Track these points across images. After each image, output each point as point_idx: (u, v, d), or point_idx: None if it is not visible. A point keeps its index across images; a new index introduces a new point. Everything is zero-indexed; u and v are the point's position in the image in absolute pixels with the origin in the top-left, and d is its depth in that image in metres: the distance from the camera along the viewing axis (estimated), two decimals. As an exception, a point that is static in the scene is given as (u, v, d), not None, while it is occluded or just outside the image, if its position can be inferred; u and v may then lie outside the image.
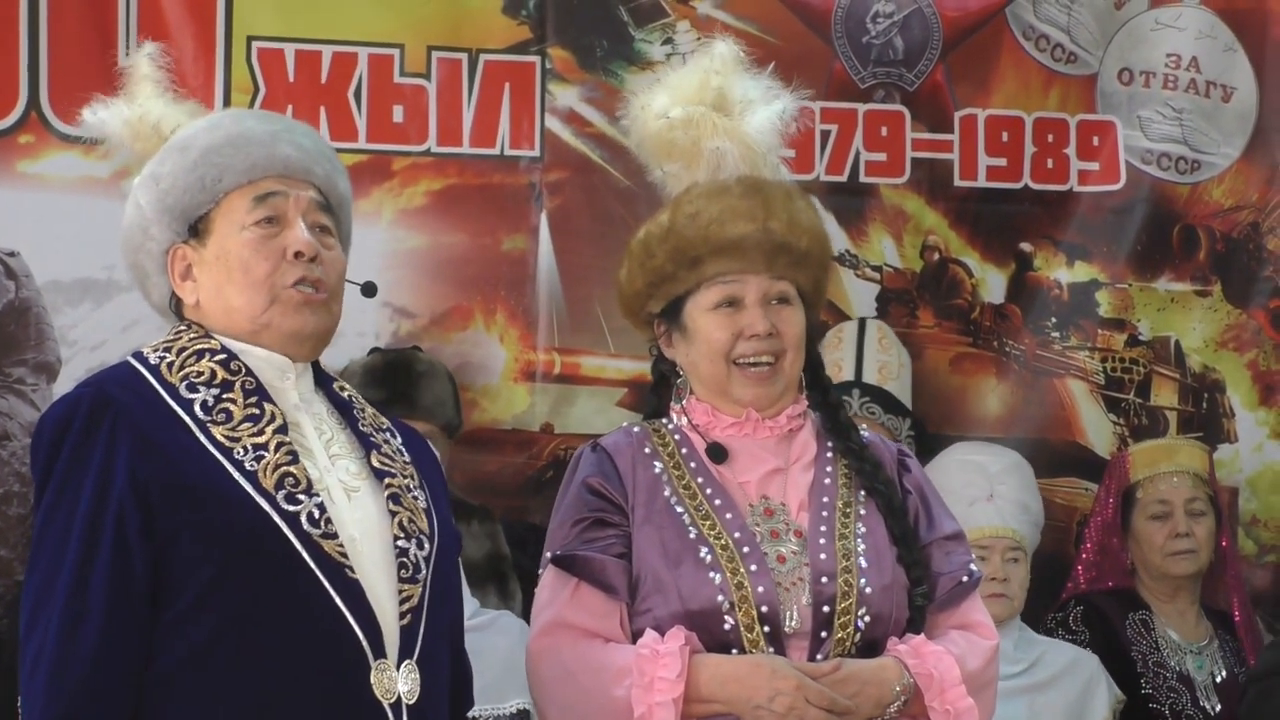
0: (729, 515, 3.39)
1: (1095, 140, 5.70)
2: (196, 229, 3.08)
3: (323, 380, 3.16)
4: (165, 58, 3.28)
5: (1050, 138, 5.68)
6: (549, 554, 3.42)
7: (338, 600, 2.89)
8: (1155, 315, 5.75)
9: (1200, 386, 5.76)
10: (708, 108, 3.52)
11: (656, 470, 3.46)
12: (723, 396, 3.48)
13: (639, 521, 3.41)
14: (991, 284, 5.65)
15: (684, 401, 3.52)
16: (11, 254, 5.01)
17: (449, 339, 5.23)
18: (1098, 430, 5.67)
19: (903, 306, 5.59)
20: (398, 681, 2.93)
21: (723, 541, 3.35)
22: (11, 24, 5.01)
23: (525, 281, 5.29)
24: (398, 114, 5.22)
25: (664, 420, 3.55)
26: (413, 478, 3.11)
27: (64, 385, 4.93)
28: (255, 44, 5.13)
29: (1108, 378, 5.71)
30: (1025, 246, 5.69)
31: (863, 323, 5.40)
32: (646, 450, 3.49)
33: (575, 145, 5.32)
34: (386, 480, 3.05)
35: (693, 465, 3.46)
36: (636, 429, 3.55)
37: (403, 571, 2.98)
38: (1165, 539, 5.04)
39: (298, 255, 3.04)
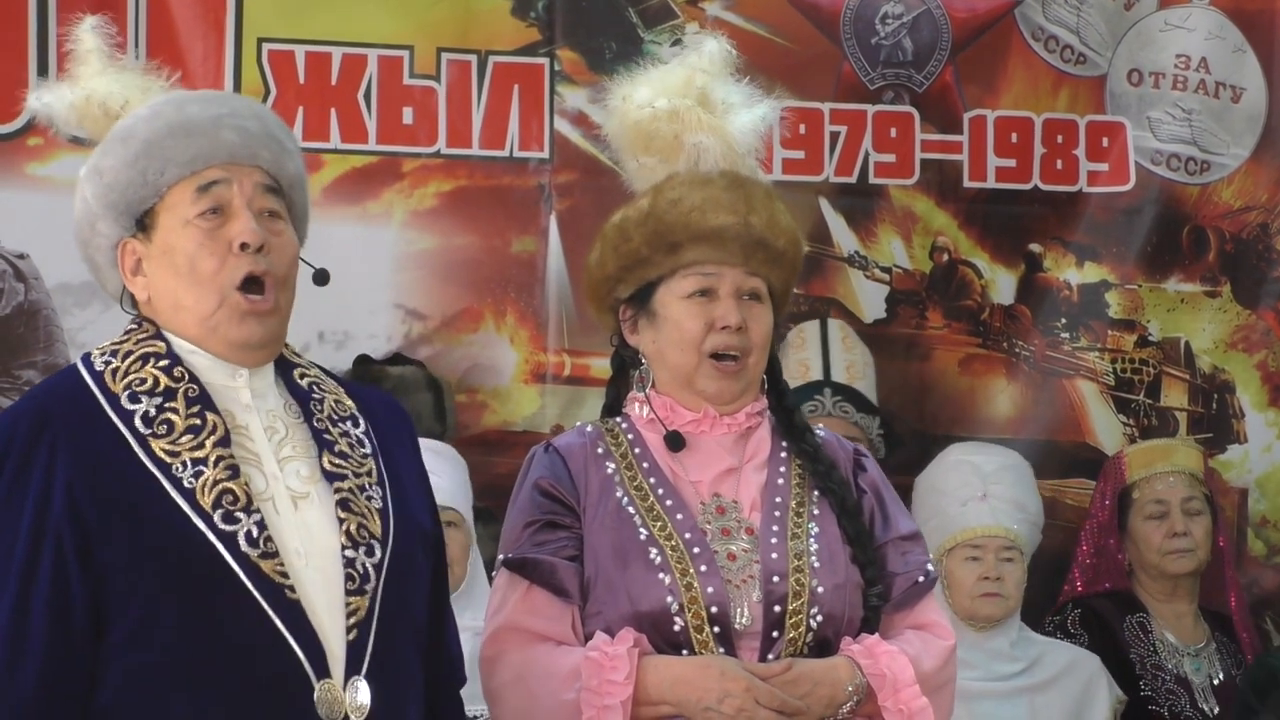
0: (679, 515, 3.38)
1: (1105, 141, 5.70)
2: (143, 223, 2.99)
3: (285, 368, 3.07)
4: (110, 28, 3.17)
5: (1060, 139, 5.67)
6: (501, 556, 3.41)
7: (277, 622, 2.83)
8: (1165, 316, 5.75)
9: (1210, 387, 5.76)
10: (692, 102, 3.51)
11: (609, 471, 3.44)
12: (686, 388, 3.47)
13: (590, 523, 3.39)
14: (1001, 285, 5.65)
15: (646, 390, 3.50)
16: (21, 256, 5.00)
17: (459, 341, 5.23)
18: (1107, 431, 5.67)
19: (912, 308, 5.58)
20: (345, 699, 2.87)
21: (673, 542, 3.34)
22: (20, 26, 5.01)
23: (535, 283, 5.29)
24: (407, 115, 5.22)
25: (618, 420, 3.54)
26: (370, 473, 3.02)
27: (73, 387, 4.93)
28: (266, 46, 5.13)
29: (1117, 378, 5.71)
30: (1035, 247, 5.69)
31: (825, 322, 5.38)
32: (599, 450, 3.47)
33: (584, 147, 5.32)
34: (336, 484, 2.96)
35: (645, 465, 3.44)
36: (590, 429, 3.54)
37: (350, 583, 2.90)
38: (1162, 538, 5.05)
39: (243, 247, 2.94)
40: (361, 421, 3.08)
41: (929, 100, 5.61)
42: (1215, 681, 4.94)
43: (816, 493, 3.46)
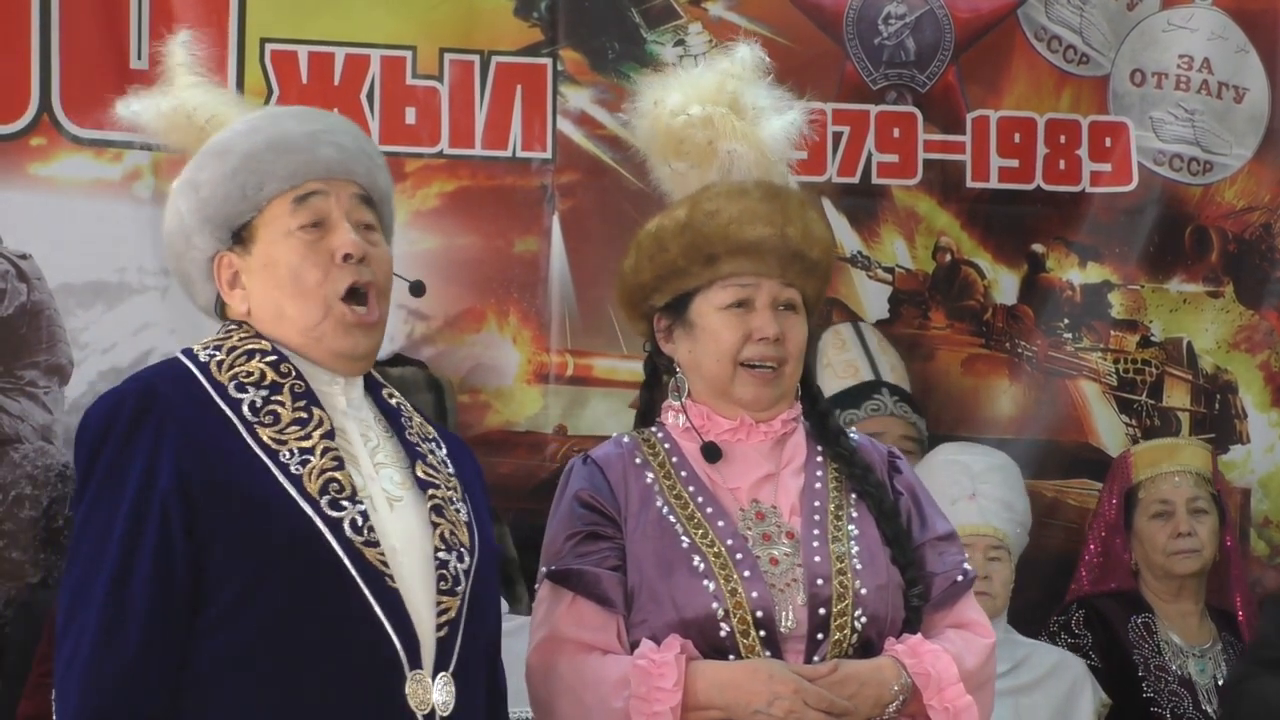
0: (720, 522, 3.39)
1: (1107, 141, 5.70)
2: (240, 236, 3.03)
3: (372, 387, 3.14)
4: (198, 45, 3.22)
5: (1062, 139, 5.67)
6: (544, 569, 3.42)
7: (376, 608, 2.87)
8: (1167, 316, 5.75)
9: (1212, 388, 5.76)
10: (725, 109, 3.51)
11: (648, 480, 3.45)
12: (722, 397, 3.48)
13: (632, 533, 3.40)
14: (1003, 285, 5.65)
15: (682, 399, 3.51)
16: (23, 257, 5.00)
17: (462, 341, 5.23)
18: (1110, 431, 5.67)
19: (915, 308, 5.58)
20: (432, 693, 2.91)
21: (715, 549, 3.35)
22: (23, 26, 5.01)
23: (538, 283, 5.29)
24: (410, 116, 5.22)
25: (653, 429, 3.55)
26: (456, 490, 3.08)
27: (76, 388, 4.94)
28: (268, 46, 5.13)
29: (1120, 379, 5.71)
30: (1037, 248, 5.69)
31: (858, 325, 5.39)
32: (637, 461, 3.48)
33: (587, 147, 5.32)
34: (430, 491, 3.02)
35: (683, 474, 3.45)
36: (626, 439, 3.54)
37: (442, 584, 2.95)
38: (1168, 538, 5.05)
39: (346, 258, 3.01)
40: (443, 446, 3.16)
41: (932, 100, 5.61)
42: (1220, 682, 4.94)
43: (854, 495, 3.47)
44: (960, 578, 3.47)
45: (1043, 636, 5.01)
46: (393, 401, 3.14)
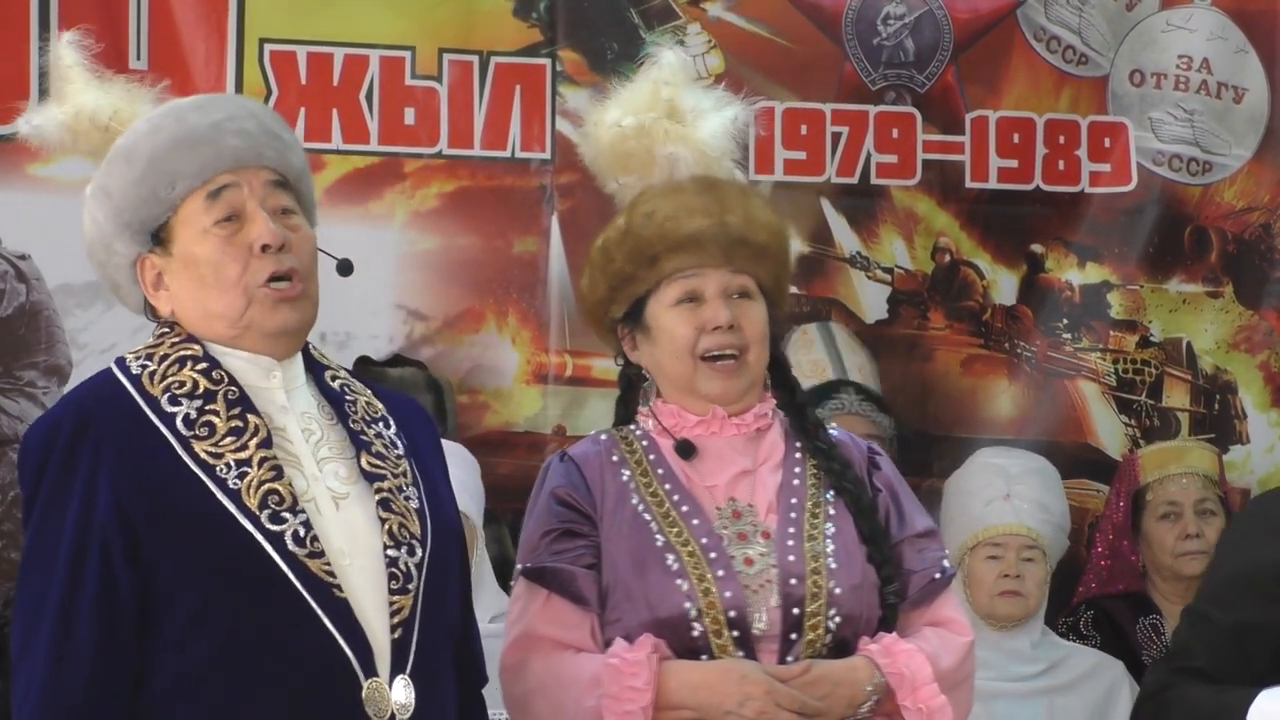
0: (696, 521, 3.38)
1: (1106, 142, 5.70)
2: (159, 237, 3.00)
3: (314, 370, 3.09)
4: (88, 40, 3.17)
5: (1061, 139, 5.67)
6: (519, 566, 3.42)
7: (325, 621, 2.85)
8: (1167, 317, 5.75)
9: (1212, 388, 5.76)
10: (660, 115, 3.51)
11: (624, 478, 3.45)
12: (689, 394, 3.47)
13: (607, 530, 3.40)
14: (1003, 285, 5.65)
15: (651, 404, 3.51)
16: (22, 257, 5.01)
17: (461, 341, 5.23)
18: (1109, 432, 5.67)
19: (914, 308, 5.58)
20: (390, 697, 2.89)
21: (690, 548, 3.35)
22: (23, 27, 5.01)
23: (537, 284, 5.29)
24: (409, 116, 5.22)
25: (631, 428, 3.54)
26: (405, 474, 3.04)
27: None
28: (267, 46, 5.13)
29: (1119, 379, 5.71)
30: (1036, 248, 5.68)
31: (828, 325, 5.39)
32: (614, 458, 3.48)
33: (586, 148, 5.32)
34: (376, 484, 2.98)
35: (660, 472, 3.45)
36: (604, 437, 3.54)
37: (393, 583, 2.92)
38: (1175, 540, 5.05)
39: (265, 249, 2.96)
40: (392, 423, 3.10)
41: (931, 101, 5.60)
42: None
43: (832, 492, 3.46)
44: (938, 575, 3.46)
45: (1049, 637, 5.02)
46: (336, 384, 3.08)
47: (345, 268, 3.13)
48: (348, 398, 3.07)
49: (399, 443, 3.08)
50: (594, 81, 5.33)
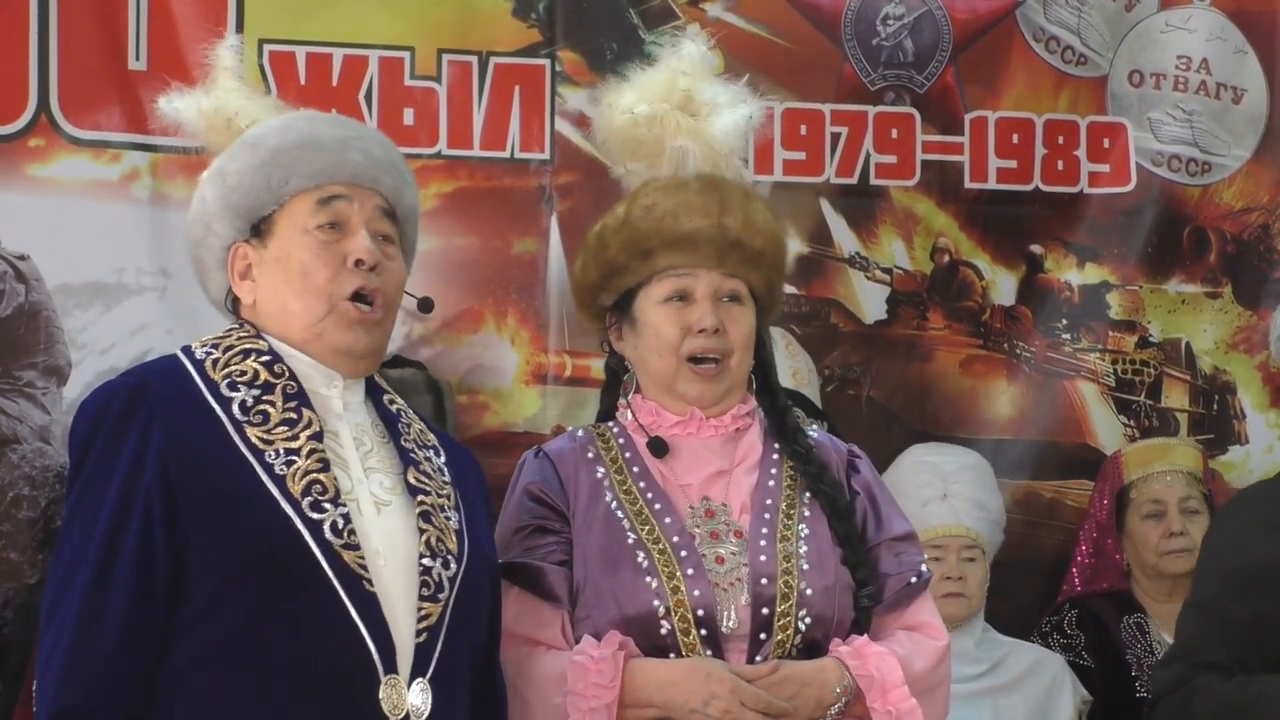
0: (668, 519, 3.39)
1: (1106, 142, 5.70)
2: (259, 229, 3.07)
3: (374, 392, 3.15)
4: (247, 50, 3.29)
5: (1060, 140, 5.67)
6: None
7: (352, 611, 2.88)
8: (1166, 317, 5.75)
9: (1211, 388, 5.76)
10: (673, 107, 3.52)
11: (599, 475, 3.46)
12: (668, 393, 3.48)
13: (579, 527, 3.41)
14: (1002, 286, 5.65)
15: (629, 396, 3.52)
16: (22, 257, 5.00)
17: (460, 342, 5.23)
18: (1108, 432, 5.67)
19: (913, 309, 5.58)
20: (407, 698, 2.91)
21: (660, 546, 3.35)
22: (21, 27, 5.01)
23: (536, 284, 5.29)
24: (408, 116, 5.22)
25: (609, 424, 3.55)
26: (449, 498, 3.08)
27: (74, 389, 4.94)
28: (266, 47, 5.13)
29: (1118, 380, 5.71)
30: (1035, 248, 5.68)
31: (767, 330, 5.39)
32: (590, 455, 3.49)
33: (585, 148, 5.31)
34: (419, 498, 3.03)
35: (635, 469, 3.45)
36: (581, 433, 3.55)
37: (424, 589, 2.96)
38: (1160, 538, 5.06)
39: (358, 263, 3.03)
40: (443, 454, 3.16)
41: (930, 101, 5.60)
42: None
43: (808, 494, 3.46)
44: (914, 579, 3.47)
45: (1034, 637, 5.02)
46: (393, 408, 3.15)
47: (426, 305, 3.22)
48: (402, 420, 3.14)
49: (447, 472, 3.13)
50: (593, 82, 5.33)
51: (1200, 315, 5.76)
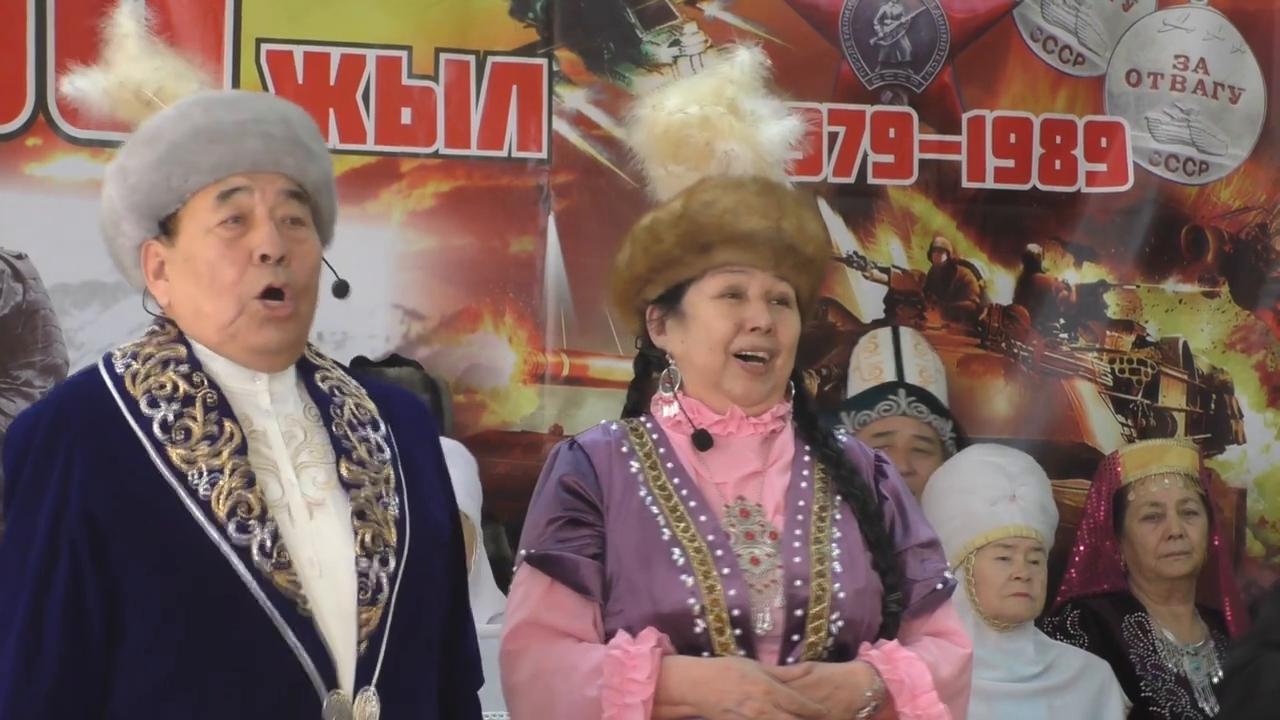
0: (703, 517, 3.39)
1: (1103, 142, 5.70)
2: (166, 226, 2.98)
3: (306, 368, 3.06)
4: (152, 12, 3.15)
5: (1058, 139, 5.67)
6: (523, 552, 3.42)
7: (288, 635, 2.83)
8: (1163, 316, 5.75)
9: (1208, 388, 5.76)
10: (724, 110, 3.53)
11: (633, 469, 3.45)
12: (713, 389, 3.48)
13: (613, 521, 3.41)
14: (999, 285, 5.65)
15: (674, 390, 3.51)
16: (19, 257, 5.00)
17: (458, 341, 5.23)
18: (1106, 431, 5.67)
19: (910, 308, 5.58)
20: (353, 711, 2.86)
21: (696, 544, 3.35)
22: (19, 26, 5.01)
23: (533, 284, 5.29)
24: (406, 116, 5.22)
25: (642, 419, 3.55)
26: (388, 480, 3.01)
27: (72, 388, 4.93)
28: (264, 46, 5.13)
29: (1115, 379, 5.71)
30: (1033, 248, 5.69)
31: (897, 330, 5.40)
32: (624, 449, 3.48)
33: (582, 147, 5.32)
34: (352, 493, 2.95)
35: (669, 465, 3.45)
36: (614, 427, 3.54)
37: (362, 594, 2.90)
38: (1159, 540, 5.05)
39: (264, 258, 2.94)
40: (382, 425, 3.07)
41: (927, 101, 5.61)
42: (1214, 680, 4.94)
43: (839, 498, 3.47)
44: (940, 585, 3.48)
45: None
46: (325, 386, 3.05)
47: (341, 289, 3.07)
48: (335, 400, 3.04)
49: (386, 447, 3.05)
50: (591, 81, 5.34)
51: (1197, 315, 5.76)
